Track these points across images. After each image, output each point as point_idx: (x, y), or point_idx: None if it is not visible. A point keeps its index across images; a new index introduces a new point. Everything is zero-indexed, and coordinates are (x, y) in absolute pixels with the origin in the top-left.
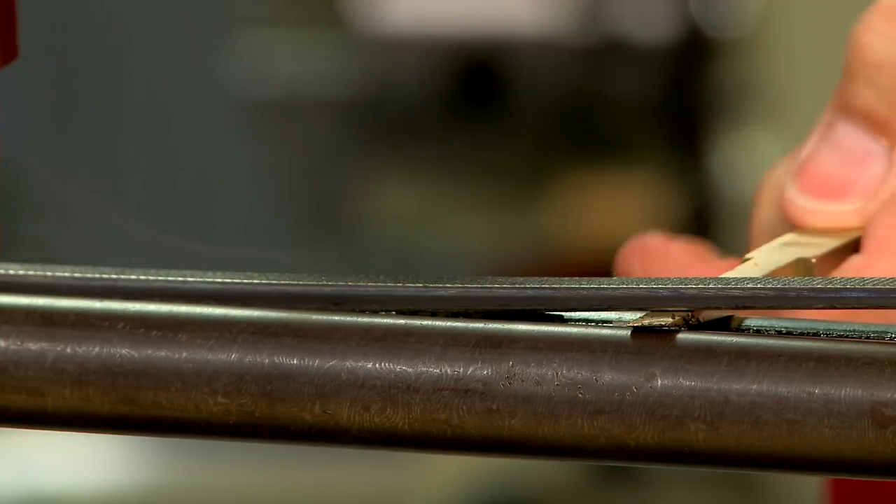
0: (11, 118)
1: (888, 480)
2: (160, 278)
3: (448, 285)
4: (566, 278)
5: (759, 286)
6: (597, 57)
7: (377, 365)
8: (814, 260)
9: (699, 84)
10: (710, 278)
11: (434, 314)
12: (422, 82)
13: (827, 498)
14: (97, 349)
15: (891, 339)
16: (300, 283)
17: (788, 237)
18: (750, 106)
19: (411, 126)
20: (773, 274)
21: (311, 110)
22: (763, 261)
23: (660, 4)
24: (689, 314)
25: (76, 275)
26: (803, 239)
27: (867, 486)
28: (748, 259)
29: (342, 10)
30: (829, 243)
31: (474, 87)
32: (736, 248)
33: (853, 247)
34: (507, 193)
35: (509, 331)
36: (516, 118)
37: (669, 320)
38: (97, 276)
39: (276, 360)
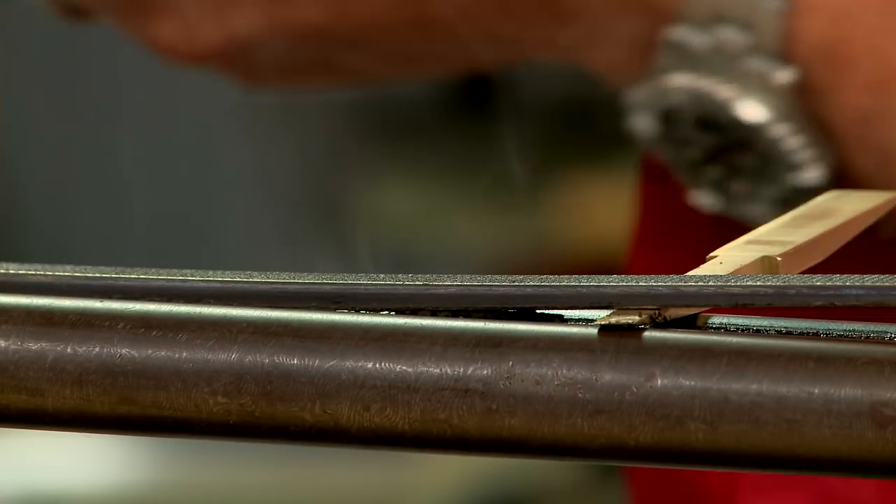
0: (11, 119)
1: (887, 480)
2: (160, 278)
3: (448, 283)
4: (566, 276)
5: (758, 283)
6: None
7: (377, 365)
8: (779, 258)
9: None
10: (710, 276)
11: (434, 313)
12: (422, 82)
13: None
14: (97, 349)
15: (891, 339)
16: (300, 282)
17: (753, 234)
18: None
19: (411, 126)
20: (738, 272)
21: (311, 110)
22: (728, 259)
23: None
24: (657, 312)
25: (76, 275)
26: (768, 236)
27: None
28: (713, 257)
29: None
30: (795, 240)
31: (474, 87)
32: None
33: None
34: (507, 193)
35: (509, 330)
36: (516, 118)
37: (636, 318)
38: (97, 276)
39: (276, 360)
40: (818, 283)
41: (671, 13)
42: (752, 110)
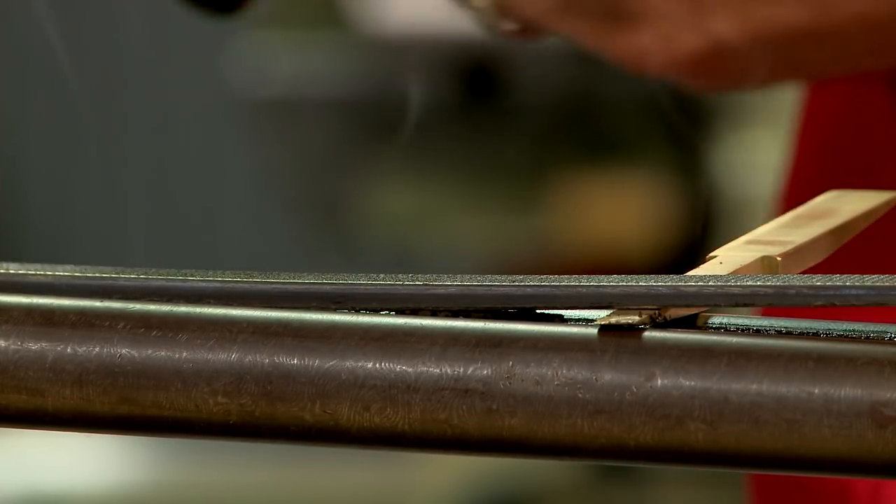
0: (11, 119)
1: (887, 480)
2: (160, 278)
3: (448, 283)
4: (565, 276)
5: (758, 283)
6: (597, 57)
7: (377, 365)
8: (779, 258)
9: None
10: (710, 276)
11: (434, 313)
12: (422, 82)
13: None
14: (97, 349)
15: (891, 339)
16: (300, 282)
17: (753, 234)
18: (750, 106)
19: (411, 126)
20: (738, 272)
21: (311, 110)
22: (728, 259)
23: None
24: (656, 312)
25: (76, 275)
26: (768, 236)
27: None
28: (713, 257)
29: (342, 11)
30: (795, 240)
31: (474, 88)
32: None
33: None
34: (507, 193)
35: (509, 330)
36: (516, 118)
37: (636, 318)
38: (97, 276)
39: (276, 360)
40: (818, 283)
41: None
42: None
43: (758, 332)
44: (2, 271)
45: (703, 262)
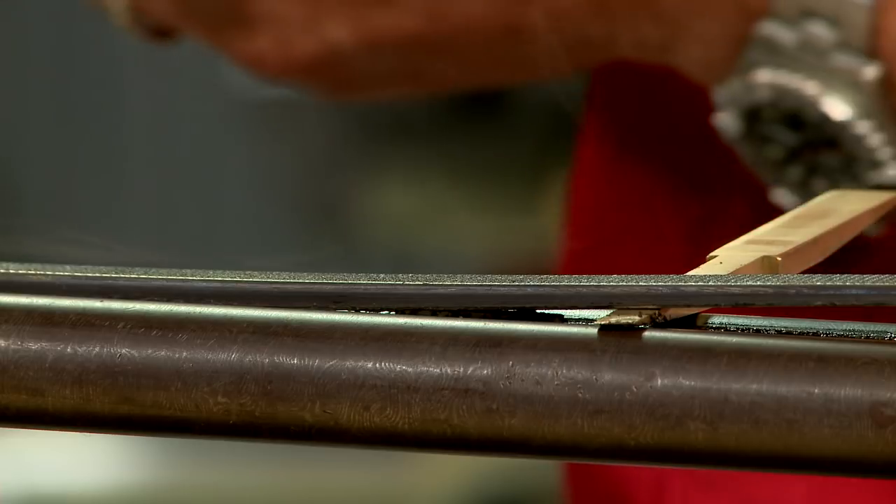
0: (12, 119)
1: (887, 480)
2: (160, 278)
3: (448, 283)
4: (566, 276)
5: (758, 283)
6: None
7: (377, 365)
8: (779, 258)
9: None
10: (710, 276)
11: (434, 313)
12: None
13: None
14: (97, 349)
15: (891, 339)
16: (300, 282)
17: (753, 234)
18: None
19: (411, 126)
20: (738, 272)
21: (311, 110)
22: (728, 259)
23: None
24: (657, 312)
25: (76, 275)
26: (768, 236)
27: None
28: (713, 257)
29: None
30: (795, 240)
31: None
32: None
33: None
34: (507, 193)
35: (509, 330)
36: (516, 118)
37: (636, 318)
38: (97, 276)
39: (276, 360)
40: (818, 283)
41: (761, 9)
42: (837, 107)
43: (758, 332)
44: (2, 271)
45: (703, 262)
